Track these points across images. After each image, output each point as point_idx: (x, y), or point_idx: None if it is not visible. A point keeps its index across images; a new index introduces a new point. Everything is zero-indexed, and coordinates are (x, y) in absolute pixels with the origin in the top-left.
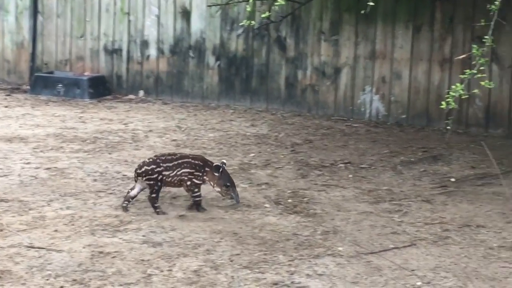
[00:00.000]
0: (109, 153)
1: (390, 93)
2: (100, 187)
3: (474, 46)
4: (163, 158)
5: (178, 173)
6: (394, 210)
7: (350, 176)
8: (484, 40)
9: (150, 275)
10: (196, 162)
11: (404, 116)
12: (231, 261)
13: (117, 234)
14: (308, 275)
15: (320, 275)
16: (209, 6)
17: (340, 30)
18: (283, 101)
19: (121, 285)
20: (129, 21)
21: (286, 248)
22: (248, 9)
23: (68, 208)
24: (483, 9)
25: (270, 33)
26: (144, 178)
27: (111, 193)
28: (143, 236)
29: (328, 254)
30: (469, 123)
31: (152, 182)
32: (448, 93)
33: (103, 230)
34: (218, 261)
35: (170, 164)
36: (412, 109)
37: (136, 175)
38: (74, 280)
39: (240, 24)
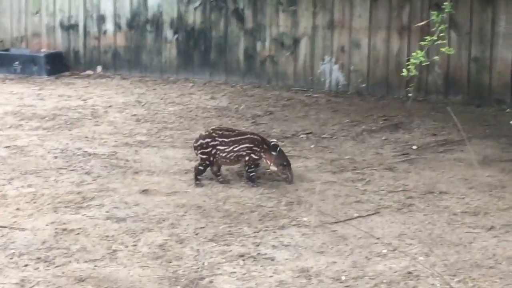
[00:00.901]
0: (69, 130)
1: (350, 63)
2: (61, 164)
3: (434, 12)
4: (220, 132)
5: (235, 149)
6: (357, 179)
7: (312, 146)
8: (443, 6)
9: (115, 251)
10: (255, 137)
11: (364, 85)
12: (196, 234)
13: (80, 211)
14: (274, 246)
15: (286, 245)
16: None
17: (298, 1)
18: (243, 73)
19: (86, 261)
20: None
21: (251, 220)
22: None
23: (29, 186)
24: None
25: (227, 4)
26: (199, 152)
27: (72, 170)
28: (107, 212)
29: (293, 225)
30: (429, 90)
31: (205, 156)
32: (408, 61)
33: (65, 207)
34: (183, 235)
35: (227, 140)
36: (371, 78)
37: (194, 148)
38: (39, 258)
39: None
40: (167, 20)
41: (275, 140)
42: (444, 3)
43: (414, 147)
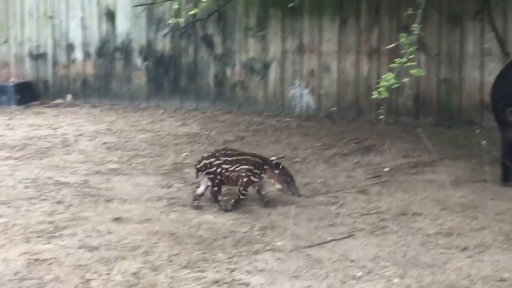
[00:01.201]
0: (40, 159)
1: (320, 86)
2: (32, 194)
3: (403, 35)
4: (223, 152)
5: (237, 169)
6: (330, 202)
7: None
8: (412, 29)
9: (88, 280)
10: (256, 159)
11: (334, 108)
12: (170, 261)
13: (53, 240)
14: (248, 272)
15: (261, 270)
16: (134, 6)
17: (267, 26)
18: (213, 99)
19: None
20: (53, 25)
21: (225, 245)
22: (176, 6)
23: (0, 216)
24: (408, 0)
25: (197, 31)
26: (204, 173)
27: (44, 199)
28: (79, 240)
29: (268, 250)
30: (399, 112)
31: (212, 176)
32: (378, 83)
33: (38, 237)
34: (157, 262)
35: (230, 159)
36: (342, 101)
37: (196, 171)
38: None
39: (168, 22)
40: (136, 47)
41: (274, 158)
42: (413, 25)
43: (386, 169)
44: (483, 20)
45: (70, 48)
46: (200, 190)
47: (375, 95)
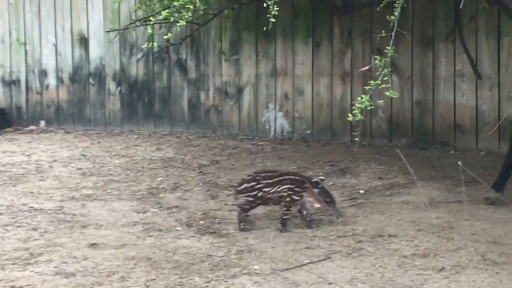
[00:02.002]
0: (14, 186)
1: (294, 110)
2: (7, 221)
3: (377, 57)
4: (263, 175)
5: (279, 189)
6: (306, 225)
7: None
8: (386, 50)
9: None
10: (297, 178)
11: (309, 131)
12: (147, 286)
13: (28, 267)
14: None
15: None
16: (107, 31)
17: (240, 49)
18: (187, 124)
19: None
20: (26, 51)
21: (202, 270)
22: (150, 31)
23: None
24: (380, 22)
25: (170, 56)
26: (244, 196)
27: (18, 226)
28: (55, 267)
29: (244, 273)
30: (373, 134)
31: (251, 199)
32: (352, 106)
33: (13, 264)
34: (134, 287)
35: (271, 181)
36: (316, 124)
37: (235, 193)
38: None
39: (142, 46)
40: (110, 72)
41: (316, 177)
42: (386, 48)
43: (362, 191)
44: (455, 42)
45: (43, 74)
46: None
47: (350, 117)
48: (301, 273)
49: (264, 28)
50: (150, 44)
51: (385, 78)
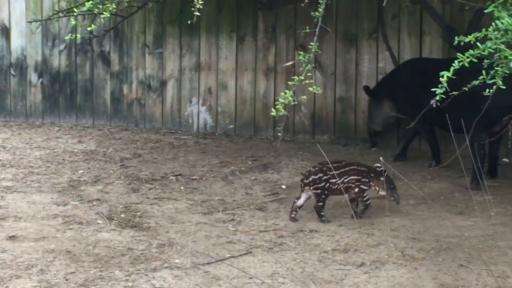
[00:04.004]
0: None
1: (217, 104)
2: None
3: (300, 53)
4: (329, 166)
5: (345, 180)
6: (228, 219)
7: (182, 188)
8: (310, 47)
9: None
10: (363, 169)
11: (232, 126)
12: (67, 279)
13: None
14: None
15: None
16: (29, 22)
17: (164, 43)
18: (110, 116)
19: None
20: None
21: (122, 263)
22: (73, 22)
23: None
24: (304, 18)
25: (93, 48)
26: (311, 188)
27: None
28: None
29: (165, 267)
30: (296, 130)
31: (319, 191)
32: (275, 101)
33: None
34: (53, 280)
35: (337, 172)
36: (239, 119)
37: (303, 185)
38: None
39: (65, 38)
40: (32, 63)
41: (379, 165)
42: (310, 44)
43: (284, 186)
44: (378, 40)
45: None
46: (300, 202)
47: (273, 112)
48: (222, 267)
49: (189, 22)
50: (73, 35)
51: (308, 74)
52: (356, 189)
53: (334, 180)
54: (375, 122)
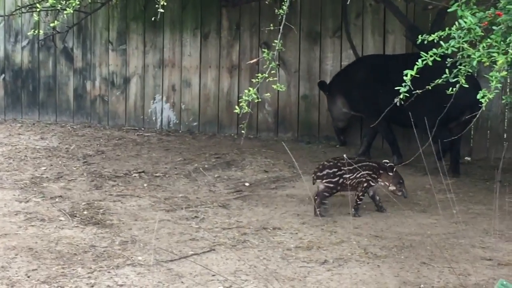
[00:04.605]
0: None
1: (181, 101)
2: None
3: (264, 50)
4: (343, 162)
5: (358, 175)
6: (191, 216)
7: (145, 185)
8: (273, 44)
9: None
10: (373, 164)
11: (195, 123)
12: (28, 277)
13: None
14: (108, 286)
15: (121, 285)
16: None
17: (128, 39)
18: (73, 113)
19: None
20: None
21: (85, 260)
22: (36, 18)
23: None
24: (269, 16)
25: (56, 44)
26: (324, 181)
27: None
28: None
29: (128, 264)
30: (260, 128)
31: (332, 185)
32: (239, 99)
33: None
34: (14, 278)
35: (351, 168)
36: (203, 116)
37: (315, 177)
38: None
39: (28, 33)
40: None
41: (387, 161)
42: (274, 41)
43: (247, 184)
44: (341, 38)
45: None
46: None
47: (236, 110)
48: (185, 265)
49: (153, 19)
50: (36, 31)
51: (272, 72)
52: (365, 184)
53: (347, 176)
54: (333, 118)
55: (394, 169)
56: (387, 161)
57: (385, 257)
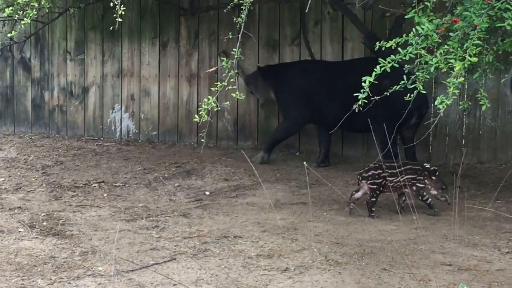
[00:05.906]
0: None
1: (140, 111)
2: None
3: (223, 59)
4: (388, 164)
5: (402, 179)
6: (151, 226)
7: (105, 195)
8: (232, 52)
9: None
10: (417, 167)
11: (155, 132)
12: None
13: None
14: None
15: None
16: None
17: (86, 49)
18: (31, 123)
19: None
20: None
21: (45, 271)
22: None
23: None
24: (227, 24)
25: (14, 54)
26: (368, 182)
27: None
28: None
29: (89, 275)
30: (220, 136)
31: (375, 187)
32: (199, 107)
33: None
34: None
35: (395, 171)
36: (162, 126)
37: (360, 178)
38: None
39: None
40: None
41: (428, 164)
42: (233, 50)
43: (207, 192)
44: (300, 46)
45: None
46: (358, 195)
47: (196, 119)
48: (146, 274)
49: (111, 28)
50: None
51: (231, 80)
52: (414, 187)
53: (391, 178)
54: (257, 93)
55: (437, 173)
56: (428, 165)
57: (346, 264)
